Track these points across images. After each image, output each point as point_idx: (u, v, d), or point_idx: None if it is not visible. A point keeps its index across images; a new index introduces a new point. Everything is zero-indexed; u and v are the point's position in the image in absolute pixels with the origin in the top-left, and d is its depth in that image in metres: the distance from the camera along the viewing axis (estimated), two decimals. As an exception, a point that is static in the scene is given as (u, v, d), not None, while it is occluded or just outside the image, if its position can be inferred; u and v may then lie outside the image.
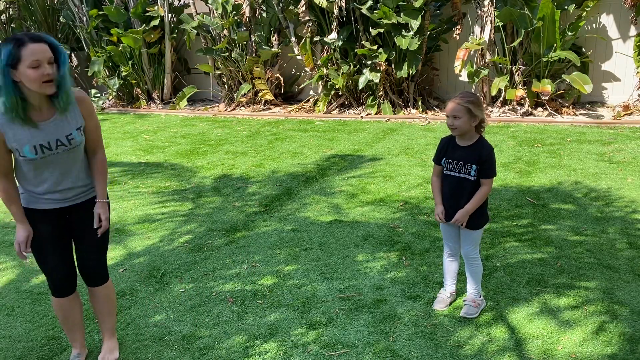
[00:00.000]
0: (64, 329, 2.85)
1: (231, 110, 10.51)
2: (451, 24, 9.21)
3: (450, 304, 3.26)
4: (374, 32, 8.86)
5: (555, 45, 8.05)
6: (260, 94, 10.33)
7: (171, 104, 10.99)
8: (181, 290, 3.59)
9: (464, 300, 3.19)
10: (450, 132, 3.05)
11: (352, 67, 9.25)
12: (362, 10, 8.78)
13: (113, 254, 4.19)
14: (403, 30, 8.70)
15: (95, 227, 2.60)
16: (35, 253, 2.58)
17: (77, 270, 2.74)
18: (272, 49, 10.06)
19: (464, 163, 3.00)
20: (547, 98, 8.39)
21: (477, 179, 2.99)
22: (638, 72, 8.56)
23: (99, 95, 11.65)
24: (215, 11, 10.17)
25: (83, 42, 11.44)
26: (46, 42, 2.27)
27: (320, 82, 9.74)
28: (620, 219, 4.46)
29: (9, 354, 2.98)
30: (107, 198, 2.66)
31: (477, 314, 3.14)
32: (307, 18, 9.35)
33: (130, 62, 10.88)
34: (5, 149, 2.37)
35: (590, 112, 8.69)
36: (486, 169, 2.97)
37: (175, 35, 10.92)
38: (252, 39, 10.11)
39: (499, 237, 4.20)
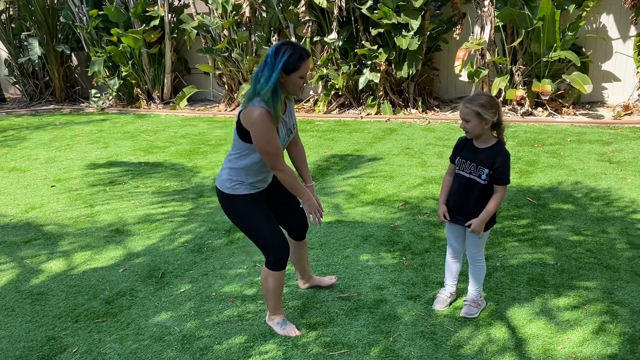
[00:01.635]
0: (273, 301, 3.02)
1: (231, 110, 10.51)
2: (451, 24, 9.21)
3: (450, 304, 3.26)
4: (374, 32, 8.86)
5: (555, 45, 8.05)
6: (260, 94, 10.32)
7: (171, 104, 10.99)
8: (181, 290, 3.59)
9: (464, 300, 3.19)
10: None
11: (352, 67, 9.25)
12: (362, 10, 8.78)
13: (113, 254, 4.19)
14: (403, 30, 8.70)
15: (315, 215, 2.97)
16: (266, 231, 2.88)
17: (288, 231, 3.18)
18: (272, 49, 10.05)
19: (476, 165, 2.95)
20: (547, 98, 8.40)
21: (487, 184, 2.93)
22: (638, 72, 8.56)
23: (99, 95, 11.65)
24: (215, 11, 10.17)
25: (83, 42, 11.44)
26: (310, 57, 2.77)
27: (320, 82, 9.74)
28: (620, 219, 4.46)
29: (9, 354, 2.98)
30: (312, 182, 3.17)
31: (478, 314, 3.14)
32: (307, 18, 9.35)
33: (130, 62, 10.88)
34: (278, 137, 2.78)
35: (590, 112, 8.69)
36: (499, 175, 2.91)
37: (175, 35, 10.92)
38: (252, 39, 10.11)
39: (499, 237, 4.20)
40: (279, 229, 2.95)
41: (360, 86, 9.17)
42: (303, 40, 9.53)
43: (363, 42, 9.05)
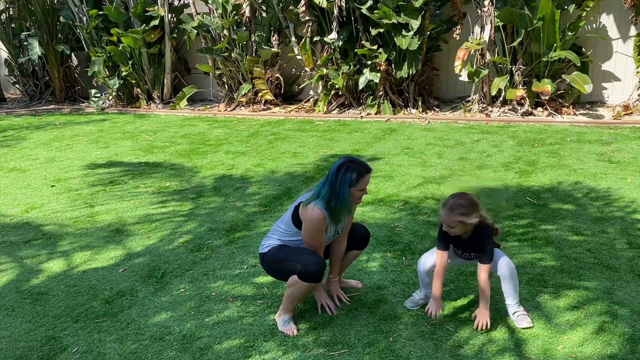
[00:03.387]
0: (288, 302, 3.10)
1: (231, 110, 10.51)
2: (451, 24, 9.21)
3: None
4: (374, 32, 8.86)
5: (555, 45, 8.05)
6: (260, 94, 10.33)
7: (171, 104, 10.99)
8: (181, 290, 3.59)
9: (515, 313, 3.05)
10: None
11: (352, 67, 9.25)
12: (362, 10, 8.78)
13: (113, 254, 4.19)
14: (403, 30, 8.70)
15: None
16: (295, 254, 3.07)
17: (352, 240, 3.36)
18: (272, 49, 10.06)
19: (470, 252, 3.05)
20: (547, 98, 8.40)
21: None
22: (638, 72, 8.56)
23: (99, 95, 11.65)
24: (215, 11, 10.17)
25: (83, 42, 11.44)
26: (370, 172, 3.04)
27: (320, 82, 9.74)
28: (620, 219, 4.46)
29: (9, 354, 2.98)
30: (338, 277, 3.41)
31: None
32: (307, 18, 9.34)
33: (130, 62, 10.88)
34: (325, 237, 3.09)
35: (590, 112, 8.69)
36: (482, 257, 2.98)
37: (175, 35, 10.92)
38: (252, 39, 10.11)
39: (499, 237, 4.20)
40: (312, 253, 3.05)
41: (360, 86, 9.17)
42: (303, 40, 9.54)
43: (363, 42, 9.05)
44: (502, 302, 3.26)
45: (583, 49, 8.86)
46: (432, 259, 3.13)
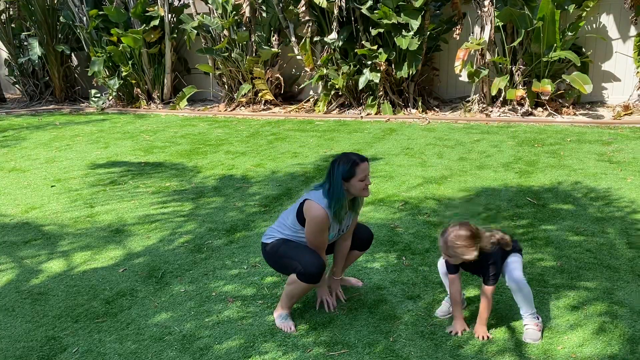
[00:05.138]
0: (286, 299, 3.13)
1: (231, 110, 10.51)
2: (451, 24, 9.21)
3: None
4: (374, 32, 8.86)
5: (555, 45, 8.05)
6: (260, 94, 10.34)
7: (171, 104, 10.99)
8: (181, 290, 3.59)
9: (525, 325, 2.96)
10: None
11: (352, 67, 9.25)
12: (362, 10, 8.78)
13: (113, 254, 4.19)
14: (403, 30, 8.70)
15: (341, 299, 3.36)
16: (296, 252, 3.08)
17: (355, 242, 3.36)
18: (272, 49, 10.06)
19: (478, 272, 2.99)
20: (547, 98, 8.40)
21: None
22: (638, 72, 8.57)
23: (99, 95, 11.65)
24: (215, 11, 10.18)
25: (83, 42, 11.44)
26: (367, 161, 3.04)
27: (320, 82, 9.74)
28: (620, 219, 4.46)
29: (9, 354, 2.98)
30: (341, 275, 3.41)
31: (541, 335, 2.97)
32: (307, 18, 9.34)
33: (130, 62, 10.88)
34: (327, 236, 3.10)
35: (590, 112, 8.69)
36: (487, 279, 2.91)
37: (175, 35, 10.93)
38: (252, 39, 10.11)
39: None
40: (313, 252, 3.06)
41: (360, 86, 9.17)
42: (303, 40, 9.54)
43: (363, 42, 9.05)
44: (503, 303, 3.27)
45: (583, 49, 8.86)
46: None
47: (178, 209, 5.14)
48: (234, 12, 9.94)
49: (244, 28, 10.11)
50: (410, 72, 8.92)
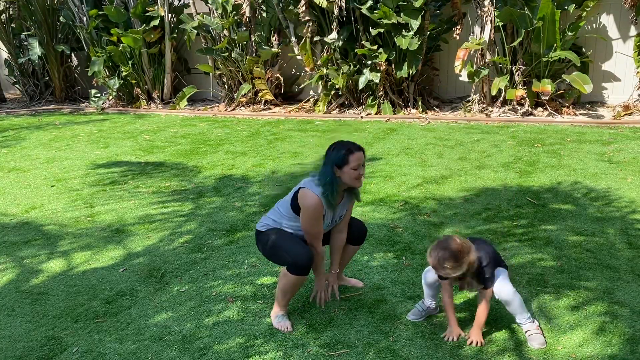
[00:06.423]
0: (280, 297, 3.13)
1: (231, 110, 10.51)
2: (451, 24, 9.21)
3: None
4: (374, 32, 8.86)
5: (555, 45, 8.05)
6: (260, 94, 10.34)
7: (171, 104, 10.99)
8: (181, 290, 3.59)
9: (527, 332, 2.91)
10: None
11: (352, 67, 9.25)
12: (362, 10, 8.78)
13: (113, 254, 4.19)
14: (403, 30, 8.70)
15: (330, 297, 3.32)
16: (287, 243, 3.06)
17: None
18: (272, 49, 10.06)
19: (470, 285, 2.94)
20: (547, 98, 8.40)
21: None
22: (638, 72, 8.56)
23: (99, 95, 11.65)
24: (215, 11, 10.17)
25: (83, 42, 11.44)
26: (363, 151, 3.01)
27: (320, 82, 9.74)
28: (620, 219, 4.46)
29: (9, 354, 2.98)
30: (338, 269, 3.36)
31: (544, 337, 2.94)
32: (307, 18, 9.34)
33: (130, 62, 10.88)
34: (322, 224, 3.07)
35: (590, 112, 8.69)
36: (484, 283, 2.88)
37: (175, 35, 10.92)
38: (252, 39, 10.11)
39: (499, 237, 4.20)
40: (302, 243, 3.05)
41: (360, 86, 9.17)
42: (303, 40, 9.54)
43: (363, 42, 9.05)
44: (502, 303, 3.26)
45: (583, 49, 8.86)
46: (432, 273, 3.00)
47: (178, 209, 5.14)
48: (234, 12, 9.94)
49: (244, 28, 10.11)
50: (410, 72, 8.92)
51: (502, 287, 2.87)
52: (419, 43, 8.65)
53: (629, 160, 6.11)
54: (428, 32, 8.84)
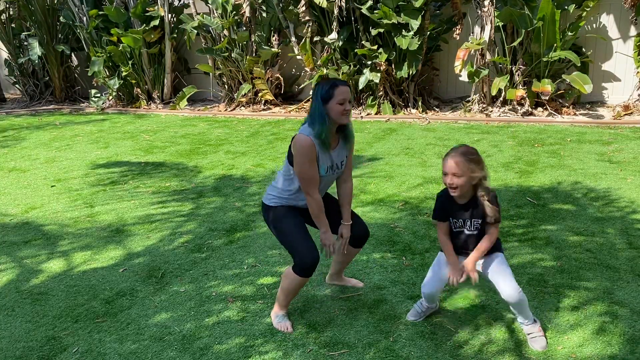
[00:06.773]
0: (282, 297, 3.11)
1: (231, 110, 10.51)
2: (451, 24, 9.21)
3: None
4: (374, 32, 8.86)
5: (555, 45, 8.05)
6: (260, 94, 10.34)
7: (171, 104, 10.99)
8: (181, 290, 3.59)
9: (529, 335, 2.90)
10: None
11: (352, 67, 9.25)
12: (362, 10, 8.79)
13: (113, 254, 4.19)
14: (403, 30, 8.70)
15: (341, 245, 3.20)
16: (295, 236, 3.03)
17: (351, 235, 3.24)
18: (272, 49, 10.07)
19: (471, 220, 2.84)
20: (547, 98, 8.40)
21: (480, 231, 2.84)
22: (638, 72, 8.56)
23: (99, 95, 11.65)
24: (215, 11, 10.18)
25: (83, 42, 11.44)
26: (349, 86, 2.98)
27: (320, 82, 9.73)
28: (620, 219, 4.46)
29: (9, 354, 2.98)
30: (351, 220, 3.23)
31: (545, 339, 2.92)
32: (307, 18, 9.35)
33: (130, 62, 10.88)
34: (316, 168, 2.98)
35: (590, 112, 8.69)
36: (498, 213, 2.79)
37: (175, 35, 10.93)
38: (252, 39, 10.12)
39: (498, 237, 4.20)
40: (309, 238, 3.02)
41: (360, 86, 9.17)
42: (303, 40, 9.54)
43: (363, 42, 9.05)
44: (502, 302, 3.26)
45: (583, 49, 8.86)
46: (432, 283, 2.98)
47: (178, 209, 5.14)
48: (234, 12, 9.94)
49: (244, 28, 10.11)
50: (410, 72, 8.92)
51: (508, 287, 2.81)
52: (419, 43, 8.65)
53: (629, 160, 6.11)
54: (428, 32, 8.84)
